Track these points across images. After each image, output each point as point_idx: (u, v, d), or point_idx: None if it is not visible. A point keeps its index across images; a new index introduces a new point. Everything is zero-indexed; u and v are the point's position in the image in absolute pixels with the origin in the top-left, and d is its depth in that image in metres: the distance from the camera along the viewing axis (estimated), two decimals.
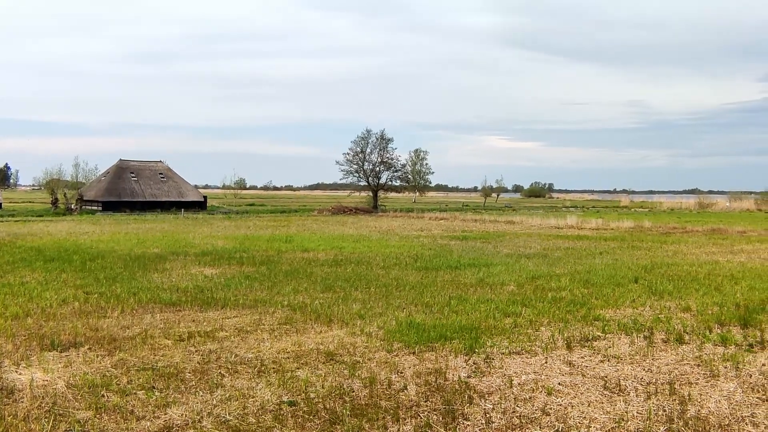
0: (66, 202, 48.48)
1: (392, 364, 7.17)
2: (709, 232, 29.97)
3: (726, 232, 29.52)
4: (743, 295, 11.74)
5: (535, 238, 25.96)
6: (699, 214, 56.52)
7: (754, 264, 16.83)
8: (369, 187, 60.57)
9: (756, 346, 8.04)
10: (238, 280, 13.34)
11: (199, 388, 6.30)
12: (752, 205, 70.28)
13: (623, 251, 20.31)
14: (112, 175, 55.17)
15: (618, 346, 8.07)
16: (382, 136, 60.56)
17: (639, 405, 5.91)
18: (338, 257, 17.98)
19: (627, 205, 79.66)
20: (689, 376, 6.83)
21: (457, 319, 9.52)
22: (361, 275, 14.21)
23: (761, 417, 5.60)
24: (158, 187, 55.90)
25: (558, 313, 10.04)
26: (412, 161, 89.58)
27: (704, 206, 70.69)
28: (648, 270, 15.35)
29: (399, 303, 10.89)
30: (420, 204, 77.04)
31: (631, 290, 12.30)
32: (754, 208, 67.90)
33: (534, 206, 75.50)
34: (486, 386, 6.45)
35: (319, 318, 9.62)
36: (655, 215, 50.20)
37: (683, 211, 64.54)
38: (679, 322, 9.37)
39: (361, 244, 22.11)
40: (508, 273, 14.67)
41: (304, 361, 7.32)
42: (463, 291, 12.16)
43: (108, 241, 22.88)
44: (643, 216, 45.93)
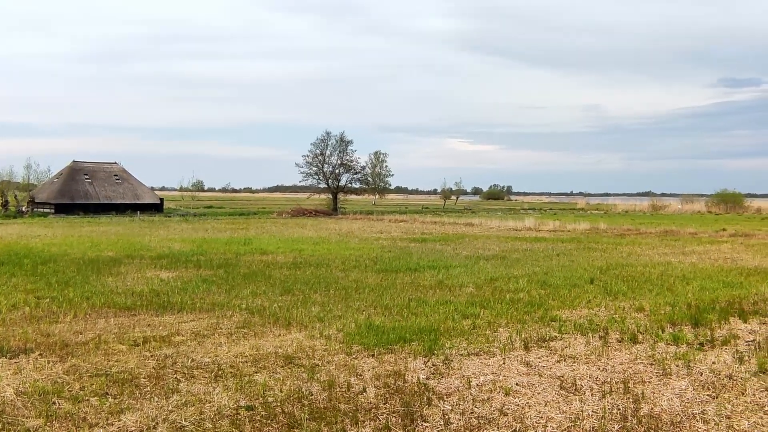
0: (17, 205, 47.27)
1: (351, 367, 7.15)
2: (662, 233, 30.67)
3: (678, 234, 30.25)
4: (694, 295, 12.03)
5: (493, 240, 26.22)
6: (652, 216, 57.84)
7: (704, 265, 17.27)
8: (329, 189, 60.44)
9: (706, 344, 8.25)
10: (195, 284, 13.16)
11: (155, 394, 6.18)
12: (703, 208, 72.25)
13: (579, 253, 20.65)
14: (65, 176, 53.93)
15: (574, 346, 8.19)
16: (342, 138, 60.60)
17: (594, 404, 6.00)
18: (297, 260, 17.88)
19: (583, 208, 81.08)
20: (642, 374, 6.97)
21: (417, 321, 9.54)
22: (320, 278, 14.15)
23: (711, 414, 5.74)
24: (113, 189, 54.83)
25: (516, 314, 10.15)
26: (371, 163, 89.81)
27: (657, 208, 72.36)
28: (603, 271, 15.63)
29: (358, 305, 10.88)
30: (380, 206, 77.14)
31: (587, 291, 12.51)
32: (705, 210, 69.81)
33: (493, 208, 76.26)
34: (445, 387, 6.47)
35: (278, 321, 9.54)
36: (610, 217, 51.17)
37: (637, 213, 65.98)
38: (633, 322, 9.56)
39: (320, 247, 22.02)
40: (467, 275, 14.78)
41: (263, 365, 7.25)
42: (422, 293, 12.20)
43: (60, 244, 22.34)
44: (599, 218, 46.80)
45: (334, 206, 58.98)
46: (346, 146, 60.55)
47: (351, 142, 61.02)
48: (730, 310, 10.47)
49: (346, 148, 60.60)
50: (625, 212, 67.98)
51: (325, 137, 60.29)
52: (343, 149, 60.45)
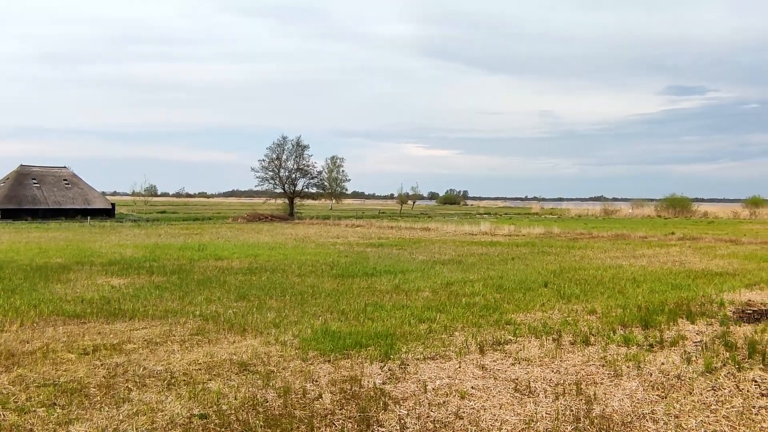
0: None
1: (307, 373, 7.10)
2: (614, 237, 31.32)
3: (629, 238, 30.94)
4: (644, 297, 12.31)
5: (449, 244, 26.40)
6: (604, 220, 59.04)
7: (654, 267, 17.69)
8: (285, 194, 60.06)
9: (656, 345, 8.44)
10: (148, 290, 12.91)
11: (105, 404, 6.03)
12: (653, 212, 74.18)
13: (534, 257, 20.93)
14: (12, 181, 52.38)
15: (528, 348, 8.28)
16: (298, 142, 60.31)
17: (548, 406, 6.08)
18: (253, 265, 17.70)
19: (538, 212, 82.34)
20: (595, 376, 7.09)
21: (373, 325, 9.53)
22: (276, 283, 14.04)
23: (661, 414, 5.87)
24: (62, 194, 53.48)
25: (471, 318, 10.23)
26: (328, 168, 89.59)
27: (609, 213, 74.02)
28: (557, 274, 15.87)
29: (315, 311, 10.82)
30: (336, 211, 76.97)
31: (541, 294, 12.68)
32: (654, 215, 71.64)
33: (449, 213, 76.81)
34: (401, 392, 6.48)
35: (233, 327, 9.42)
36: (563, 222, 52.04)
37: (590, 217, 67.28)
38: (586, 325, 9.72)
39: (276, 252, 21.85)
40: (423, 279, 14.84)
41: (217, 372, 7.14)
42: (378, 298, 12.20)
43: (6, 251, 21.67)
44: (553, 222, 47.56)
45: (291, 211, 58.62)
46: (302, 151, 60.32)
47: (307, 147, 60.86)
48: (679, 311, 10.73)
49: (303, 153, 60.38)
50: (578, 216, 69.23)
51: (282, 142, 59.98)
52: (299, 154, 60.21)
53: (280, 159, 59.71)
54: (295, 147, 60.07)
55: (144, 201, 70.42)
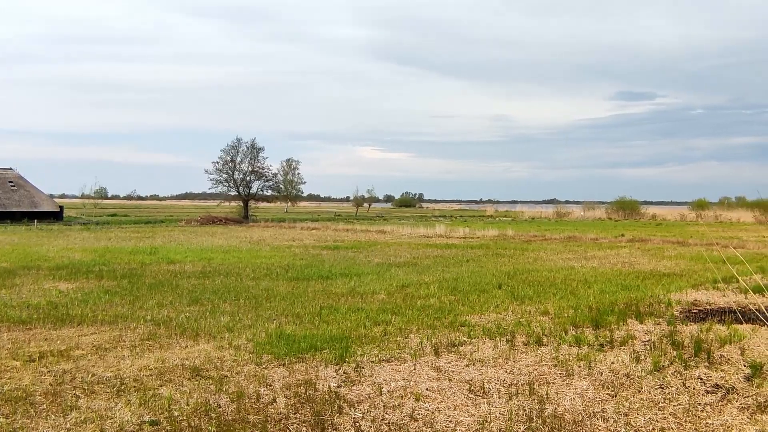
0: None
1: (261, 377, 7.03)
2: (566, 239, 31.88)
3: (580, 240, 31.52)
4: (595, 298, 12.55)
5: (405, 247, 26.48)
6: (557, 222, 60.04)
7: (604, 269, 18.05)
8: (240, 196, 59.40)
9: (606, 345, 8.60)
10: (97, 295, 12.61)
11: (51, 412, 5.86)
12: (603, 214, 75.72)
13: (488, 259, 21.15)
14: None
15: (482, 350, 8.36)
16: (253, 145, 59.70)
17: (501, 406, 6.14)
18: (206, 269, 17.46)
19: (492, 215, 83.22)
20: (547, 376, 7.19)
21: (328, 329, 9.50)
22: (230, 287, 13.87)
23: (611, 412, 5.99)
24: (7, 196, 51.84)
25: (426, 320, 10.27)
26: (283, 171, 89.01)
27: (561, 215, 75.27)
28: (511, 276, 16.06)
29: (269, 314, 10.72)
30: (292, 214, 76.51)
31: (495, 296, 12.81)
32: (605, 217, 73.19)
33: (405, 216, 77.10)
34: (356, 395, 6.46)
35: (185, 332, 9.27)
36: (517, 224, 52.74)
37: (543, 220, 68.33)
38: (539, 325, 9.86)
39: (230, 255, 21.59)
40: (378, 282, 14.85)
41: (168, 378, 7.01)
42: (334, 301, 12.16)
43: None
44: (507, 225, 48.15)
45: (245, 214, 58.03)
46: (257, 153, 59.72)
47: (262, 149, 60.25)
48: (628, 311, 10.97)
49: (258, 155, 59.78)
50: (531, 219, 70.24)
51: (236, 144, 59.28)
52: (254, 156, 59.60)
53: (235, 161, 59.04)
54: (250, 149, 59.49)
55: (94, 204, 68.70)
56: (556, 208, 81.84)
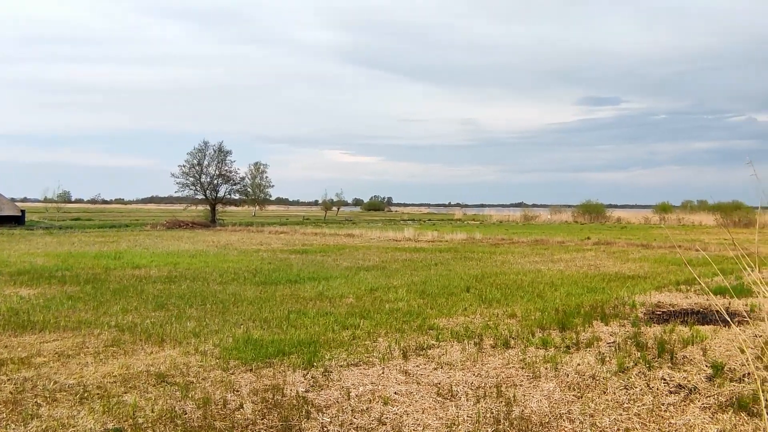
0: None
1: (228, 383, 6.96)
2: (533, 242, 32.19)
3: (547, 243, 31.86)
4: (561, 300, 12.68)
5: (374, 250, 26.48)
6: (524, 226, 60.62)
7: (571, 272, 18.26)
8: (206, 200, 58.72)
9: (572, 347, 8.70)
10: (60, 301, 12.36)
11: (11, 421, 5.72)
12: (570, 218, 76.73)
13: (456, 262, 21.24)
14: None
15: (450, 353, 8.39)
16: (221, 148, 59.09)
17: (469, 409, 6.17)
18: (172, 273, 17.24)
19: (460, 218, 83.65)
20: (514, 378, 7.24)
21: (296, 333, 9.44)
22: (196, 292, 13.71)
23: (576, 413, 6.05)
24: None
25: (395, 323, 10.28)
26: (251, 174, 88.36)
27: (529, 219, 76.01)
28: (479, 279, 16.15)
29: (236, 319, 10.62)
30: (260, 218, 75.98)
31: (464, 299, 12.87)
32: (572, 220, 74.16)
33: (373, 219, 77.09)
34: (324, 400, 6.43)
35: (150, 338, 9.13)
36: (485, 227, 53.10)
37: (510, 223, 68.93)
38: (506, 328, 9.93)
39: (197, 260, 21.36)
40: (347, 286, 14.82)
41: (133, 384, 6.90)
42: (302, 305, 12.10)
43: None
44: (475, 228, 48.45)
45: (213, 218, 57.43)
46: (225, 156, 59.12)
47: (230, 153, 59.61)
48: (594, 314, 11.11)
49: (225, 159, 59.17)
50: (499, 222, 70.80)
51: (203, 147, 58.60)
52: (221, 159, 58.98)
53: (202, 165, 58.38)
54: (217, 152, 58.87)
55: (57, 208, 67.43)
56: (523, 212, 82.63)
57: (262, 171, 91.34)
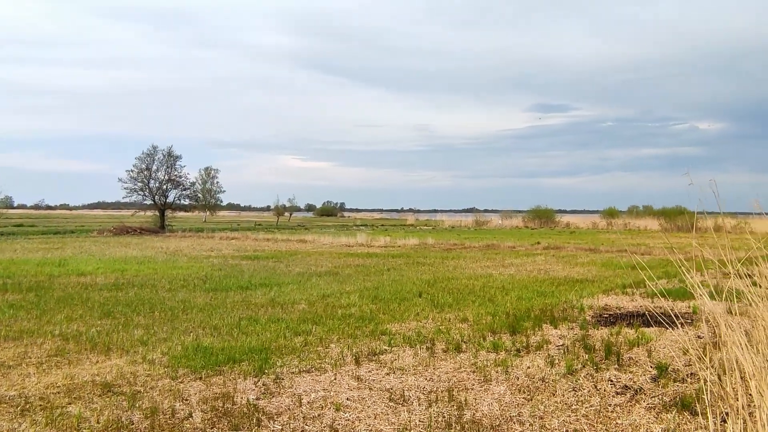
0: None
1: (177, 392, 6.83)
2: (485, 247, 32.55)
3: (498, 248, 32.26)
4: (512, 304, 12.85)
5: (326, 256, 26.39)
6: (476, 231, 61.25)
7: (521, 276, 18.53)
8: (155, 206, 57.67)
9: (522, 350, 8.82)
10: (0, 310, 11.95)
11: None
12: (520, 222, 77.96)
13: (409, 267, 21.33)
14: None
15: (403, 358, 8.40)
16: (170, 152, 58.15)
17: (421, 413, 6.18)
18: (119, 281, 16.85)
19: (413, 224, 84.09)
20: (466, 382, 7.30)
21: (247, 340, 9.33)
22: (144, 299, 13.43)
23: (527, 416, 6.13)
24: None
25: (347, 329, 10.25)
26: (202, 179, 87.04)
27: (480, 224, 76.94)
28: (431, 284, 16.24)
29: (186, 327, 10.44)
30: (211, 223, 74.95)
31: (416, 304, 12.92)
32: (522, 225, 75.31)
33: (326, 225, 76.87)
34: (275, 407, 6.37)
35: (96, 347, 8.90)
36: (438, 233, 53.47)
37: (463, 228, 69.56)
38: (458, 332, 10.00)
39: (145, 266, 20.93)
40: (299, 292, 14.73)
41: (77, 395, 6.71)
42: (253, 311, 11.97)
43: None
44: (427, 233, 48.74)
45: (162, 224, 56.40)
46: (174, 161, 58.19)
47: (180, 157, 58.73)
48: (543, 317, 11.29)
49: (175, 163, 58.24)
50: (451, 228, 71.38)
51: (152, 151, 57.56)
52: (171, 164, 58.03)
53: (151, 169, 57.33)
54: (167, 157, 57.93)
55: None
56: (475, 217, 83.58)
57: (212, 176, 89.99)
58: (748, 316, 5.00)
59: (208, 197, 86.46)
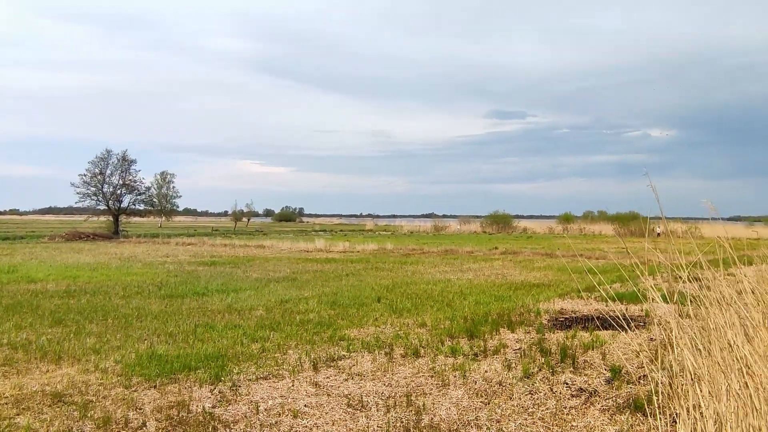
0: None
1: (130, 401, 6.68)
2: (443, 252, 32.74)
3: (457, 253, 32.48)
4: (470, 309, 12.94)
5: (284, 262, 26.21)
6: (435, 236, 61.60)
7: (479, 281, 18.68)
8: (109, 211, 56.53)
9: (480, 354, 8.88)
10: None
11: None
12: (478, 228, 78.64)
13: (367, 272, 21.31)
14: None
15: (361, 363, 8.38)
16: (125, 156, 57.15)
17: (379, 419, 6.17)
18: (71, 287, 16.45)
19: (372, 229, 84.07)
20: (424, 387, 7.31)
21: (203, 347, 9.20)
22: (97, 306, 13.13)
23: (484, 419, 6.17)
24: None
25: (306, 335, 10.18)
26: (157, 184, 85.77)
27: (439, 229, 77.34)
28: (390, 290, 16.25)
29: (140, 334, 10.24)
30: (166, 229, 73.78)
31: (375, 309, 12.92)
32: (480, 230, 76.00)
33: (285, 230, 76.35)
34: (231, 415, 6.28)
35: (46, 356, 8.66)
36: (396, 238, 53.59)
37: (421, 233, 69.88)
38: (416, 337, 10.03)
39: (98, 273, 20.48)
40: (257, 298, 14.58)
41: (26, 405, 6.51)
42: (210, 318, 11.81)
43: None
44: (386, 239, 48.79)
45: (116, 229, 55.28)
46: (129, 165, 57.17)
47: (135, 162, 57.75)
48: (500, 321, 11.39)
49: (129, 168, 57.24)
50: (410, 233, 71.64)
51: (106, 156, 56.47)
52: (125, 169, 57.00)
53: (104, 174, 56.21)
54: (121, 161, 56.88)
55: None
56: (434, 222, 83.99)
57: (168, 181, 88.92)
58: (698, 318, 5.12)
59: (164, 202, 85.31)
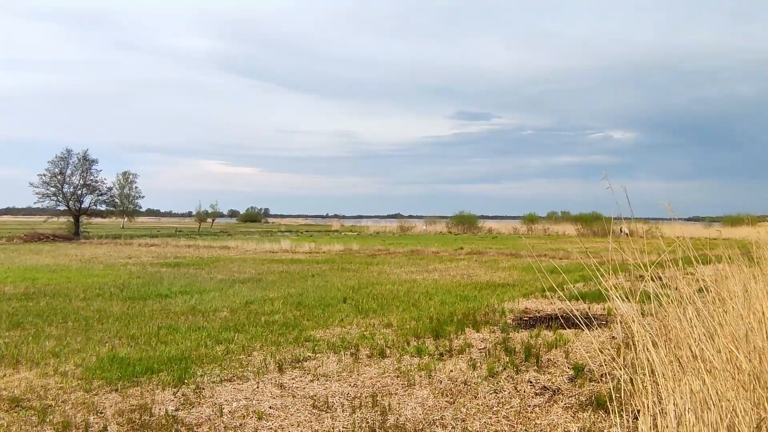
0: None
1: (91, 405, 6.56)
2: (409, 253, 32.83)
3: (423, 253, 32.60)
4: (436, 309, 12.99)
5: (250, 263, 26.00)
6: (401, 236, 61.72)
7: (445, 281, 18.77)
8: (70, 212, 55.40)
9: (445, 354, 8.92)
10: None
11: None
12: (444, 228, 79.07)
13: (333, 273, 21.26)
14: None
15: (327, 364, 8.36)
16: (85, 156, 56.04)
17: (345, 420, 6.16)
18: (30, 290, 16.08)
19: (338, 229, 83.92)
20: (390, 387, 7.32)
21: (166, 349, 9.07)
22: (57, 309, 12.86)
23: (449, 419, 6.20)
24: None
25: (271, 336, 10.12)
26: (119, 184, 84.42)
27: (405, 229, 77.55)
28: (355, 290, 16.23)
29: (101, 337, 10.06)
30: (129, 230, 72.67)
31: (340, 310, 12.89)
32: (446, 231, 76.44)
33: (250, 231, 75.75)
34: (195, 418, 6.21)
35: (4, 360, 8.46)
36: (362, 238, 53.56)
37: (387, 234, 69.93)
38: (382, 338, 10.03)
39: (58, 275, 20.06)
40: (221, 299, 14.44)
41: None
42: (173, 320, 11.65)
43: None
44: (352, 239, 48.74)
45: (76, 230, 54.20)
46: (90, 165, 56.05)
47: (96, 162, 56.63)
48: (466, 321, 11.46)
49: (90, 168, 56.12)
50: (376, 233, 71.65)
51: (66, 155, 55.30)
52: (86, 169, 55.88)
53: (64, 174, 55.07)
54: (82, 161, 55.78)
55: None
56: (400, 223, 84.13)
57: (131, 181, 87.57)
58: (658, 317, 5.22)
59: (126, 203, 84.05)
